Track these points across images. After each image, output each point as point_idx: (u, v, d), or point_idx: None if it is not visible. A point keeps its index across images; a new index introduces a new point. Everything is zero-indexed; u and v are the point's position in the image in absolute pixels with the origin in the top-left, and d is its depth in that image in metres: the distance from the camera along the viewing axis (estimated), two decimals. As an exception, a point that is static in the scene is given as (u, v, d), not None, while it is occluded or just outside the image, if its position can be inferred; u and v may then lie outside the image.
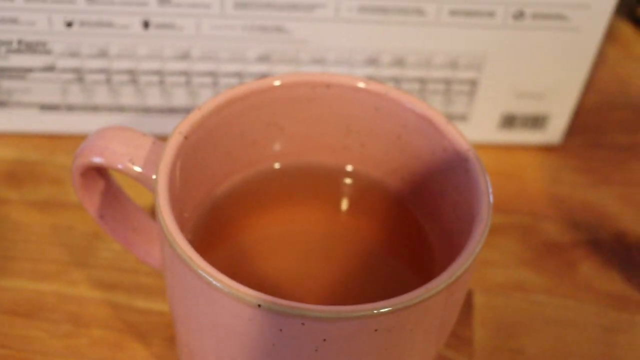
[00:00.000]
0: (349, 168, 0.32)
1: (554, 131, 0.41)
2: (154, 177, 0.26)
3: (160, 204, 0.25)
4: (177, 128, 0.27)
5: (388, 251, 0.30)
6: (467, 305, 0.34)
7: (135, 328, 0.33)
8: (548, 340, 0.34)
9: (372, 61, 0.37)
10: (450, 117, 0.40)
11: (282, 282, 0.29)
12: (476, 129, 0.40)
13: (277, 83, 0.29)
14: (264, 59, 0.37)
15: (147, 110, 0.38)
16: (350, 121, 0.30)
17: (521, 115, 0.40)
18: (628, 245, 0.38)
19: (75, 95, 0.38)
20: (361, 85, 0.29)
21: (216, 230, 0.30)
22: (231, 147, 0.30)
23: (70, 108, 0.38)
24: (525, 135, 0.41)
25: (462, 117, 0.40)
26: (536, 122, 0.40)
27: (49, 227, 0.36)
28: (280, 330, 0.23)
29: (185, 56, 0.36)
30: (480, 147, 0.41)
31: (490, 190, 0.26)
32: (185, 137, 0.27)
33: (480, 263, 0.36)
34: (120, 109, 0.38)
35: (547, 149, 0.42)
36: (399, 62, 0.37)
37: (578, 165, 0.41)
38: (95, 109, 0.38)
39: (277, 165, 0.31)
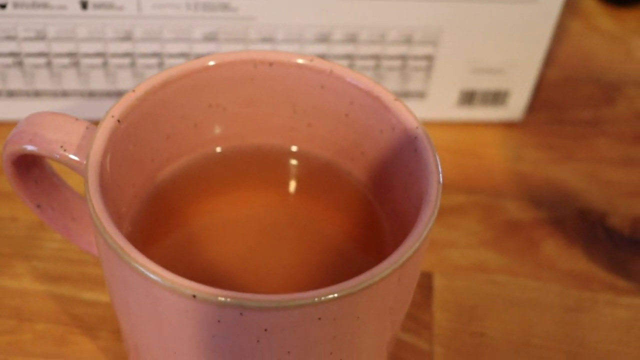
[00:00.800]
0: (296, 149, 0.30)
1: (515, 107, 0.40)
2: (85, 163, 0.25)
3: (90, 192, 0.23)
4: (110, 111, 0.26)
5: (339, 234, 0.29)
6: (427, 288, 0.33)
7: (82, 321, 0.31)
8: (510, 322, 0.33)
9: (324, 38, 0.36)
10: (408, 95, 0.38)
11: (229, 270, 0.28)
12: (435, 106, 0.39)
13: (215, 62, 0.27)
14: (210, 38, 0.35)
15: (91, 95, 0.37)
16: (295, 100, 0.29)
17: (480, 92, 0.39)
18: (592, 223, 0.37)
19: (15, 81, 0.36)
20: (305, 62, 0.28)
21: (159, 219, 0.28)
22: (171, 131, 0.28)
23: (11, 94, 0.37)
24: (486, 112, 0.40)
25: (420, 95, 0.38)
26: (496, 98, 0.39)
27: (-10, 219, 0.35)
28: (219, 321, 0.22)
29: (127, 37, 0.35)
30: (439, 124, 0.40)
31: (440, 169, 0.25)
32: (119, 121, 0.26)
33: (440, 244, 0.35)
34: (64, 93, 0.37)
35: (508, 126, 0.41)
36: (352, 39, 0.36)
37: (540, 141, 0.40)
38: (37, 94, 0.37)
39: (220, 149, 0.30)
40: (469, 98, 0.39)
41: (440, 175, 0.25)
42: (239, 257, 0.28)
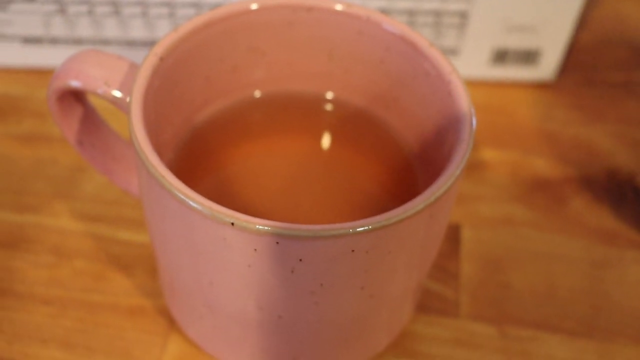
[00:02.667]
0: (332, 95, 0.31)
1: (547, 67, 0.40)
2: (128, 99, 0.26)
3: (134, 125, 0.24)
4: (153, 49, 0.26)
5: (372, 180, 0.30)
6: (455, 239, 0.34)
7: (118, 259, 0.33)
8: (535, 275, 0.33)
9: (360, -8, 0.36)
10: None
11: (263, 209, 0.28)
12: (467, 63, 0.39)
13: (256, 6, 0.28)
14: (249, -11, 0.36)
15: (131, 43, 0.38)
16: (332, 46, 0.29)
17: (513, 50, 0.39)
18: (620, 182, 0.37)
19: (58, 28, 0.37)
20: (342, 8, 0.28)
21: (196, 158, 0.29)
22: (210, 72, 0.29)
23: (54, 41, 0.38)
24: (518, 71, 0.40)
25: (453, 51, 0.39)
26: (528, 57, 0.39)
27: (32, 160, 0.36)
28: (255, 249, 0.23)
29: (168, -14, 0.36)
30: (471, 82, 0.40)
31: (474, 112, 0.26)
32: (161, 59, 0.26)
33: (470, 198, 0.36)
34: (104, 41, 0.38)
35: (539, 86, 0.41)
36: (388, -7, 0.36)
37: (571, 102, 0.40)
38: (78, 42, 0.38)
39: (258, 93, 0.31)
40: (501, 56, 0.39)
41: (474, 118, 0.25)
42: (273, 199, 0.29)
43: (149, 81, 0.26)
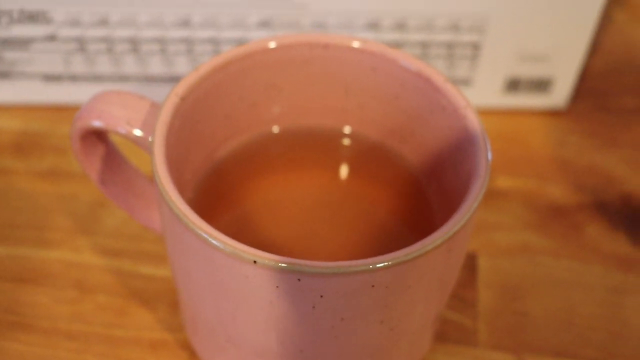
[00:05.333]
0: (349, 130, 0.31)
1: (559, 95, 0.40)
2: (150, 139, 0.26)
3: (157, 164, 0.25)
4: (174, 90, 0.27)
5: (389, 212, 0.30)
6: (472, 268, 0.34)
7: (140, 294, 0.33)
8: (553, 302, 0.33)
9: (373, 25, 0.37)
10: (454, 82, 0.39)
11: (283, 244, 0.29)
12: (480, 93, 0.40)
13: (274, 44, 0.29)
14: (264, 24, 0.36)
15: (149, 79, 0.38)
16: (348, 82, 0.30)
17: (525, 79, 0.39)
18: (634, 208, 0.37)
19: (78, 65, 0.38)
20: (357, 45, 0.29)
21: (217, 194, 0.30)
22: (230, 110, 0.30)
23: (74, 78, 0.39)
24: (531, 99, 0.40)
25: (466, 82, 0.39)
26: (541, 85, 0.40)
27: (53, 196, 0.36)
28: (277, 287, 0.23)
29: (186, 23, 0.36)
30: (484, 111, 0.41)
31: (489, 146, 0.26)
32: (182, 99, 0.27)
33: (486, 227, 0.36)
34: (123, 78, 0.38)
35: (552, 113, 0.41)
36: (400, 26, 0.37)
37: (584, 128, 0.41)
38: (98, 78, 0.38)
39: (276, 128, 0.31)
40: (514, 85, 0.40)
41: (489, 152, 0.26)
42: (292, 233, 0.29)
43: (170, 121, 0.26)
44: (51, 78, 0.39)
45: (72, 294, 0.33)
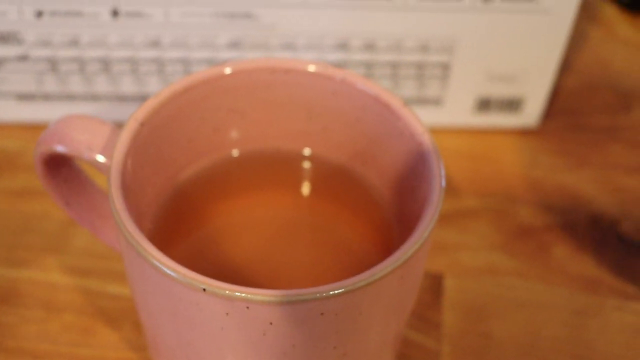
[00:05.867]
0: (311, 152, 0.32)
1: (530, 114, 0.41)
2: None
3: (112, 191, 0.25)
4: (133, 115, 0.27)
5: (351, 236, 0.30)
6: (437, 289, 0.35)
7: (107, 313, 0.33)
8: (517, 324, 0.34)
9: (343, 46, 0.37)
10: (424, 101, 0.39)
11: (244, 268, 0.29)
12: (451, 112, 0.40)
13: (234, 69, 0.29)
14: (234, 45, 0.37)
15: (122, 98, 0.39)
16: (310, 105, 0.30)
17: (496, 99, 0.40)
18: (602, 229, 0.37)
19: (51, 85, 0.38)
20: (318, 70, 0.29)
21: (178, 218, 0.30)
22: (192, 134, 0.30)
23: (47, 97, 0.39)
24: (502, 119, 0.41)
25: (436, 101, 0.40)
26: (512, 105, 0.40)
27: (24, 215, 0.37)
28: (227, 314, 0.23)
29: (156, 43, 0.37)
30: (455, 131, 0.41)
31: (443, 173, 0.26)
32: (142, 124, 0.27)
33: (452, 247, 0.36)
34: (95, 97, 0.39)
35: (524, 133, 0.42)
36: (370, 47, 0.37)
37: (555, 148, 0.41)
38: (70, 97, 0.39)
39: (239, 152, 0.31)
40: (484, 105, 0.40)
41: (443, 179, 0.26)
42: (254, 255, 0.30)
43: (128, 147, 0.27)
44: (24, 97, 0.39)
45: (39, 313, 0.33)
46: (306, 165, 0.32)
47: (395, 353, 0.31)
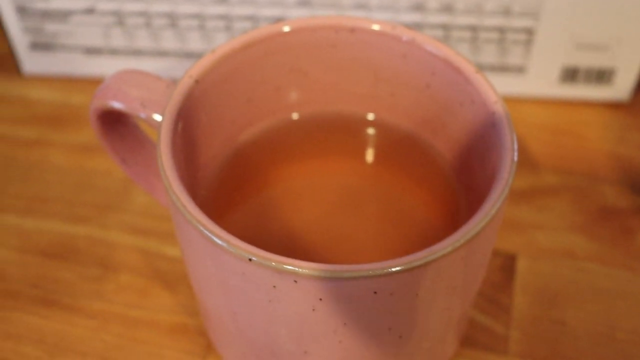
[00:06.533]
0: (377, 118, 0.30)
1: (621, 87, 0.37)
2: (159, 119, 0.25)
3: (161, 151, 0.24)
4: (188, 71, 0.26)
5: (416, 206, 0.29)
6: (509, 270, 0.32)
7: (163, 276, 0.32)
8: (594, 312, 0.31)
9: (419, 7, 0.35)
10: (506, 69, 0.37)
11: (303, 236, 0.28)
12: (534, 82, 0.37)
13: (295, 27, 0.27)
14: (304, 3, 0.35)
15: (188, 55, 0.38)
16: (377, 68, 0.28)
17: (584, 69, 0.37)
18: (696, 213, 0.34)
19: (117, 39, 0.37)
20: (386, 29, 0.27)
21: (235, 183, 0.29)
22: (252, 93, 0.28)
23: (113, 52, 0.38)
24: (589, 91, 0.38)
25: (519, 69, 0.37)
26: (601, 76, 0.37)
27: (86, 171, 0.36)
28: (274, 286, 0.22)
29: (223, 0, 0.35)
30: (538, 102, 0.38)
31: (516, 147, 0.24)
32: (197, 81, 0.26)
33: (528, 226, 0.34)
34: (162, 53, 0.38)
35: (612, 106, 0.39)
36: (448, 8, 0.35)
37: (647, 124, 0.38)
38: (137, 53, 0.38)
39: (300, 114, 0.30)
40: (571, 75, 0.37)
41: (516, 152, 0.24)
42: (311, 224, 0.28)
43: (181, 104, 0.25)
44: (91, 51, 0.38)
45: (96, 271, 0.33)
46: (370, 131, 0.30)
47: (459, 336, 0.29)
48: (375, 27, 0.27)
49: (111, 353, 0.30)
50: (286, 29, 0.27)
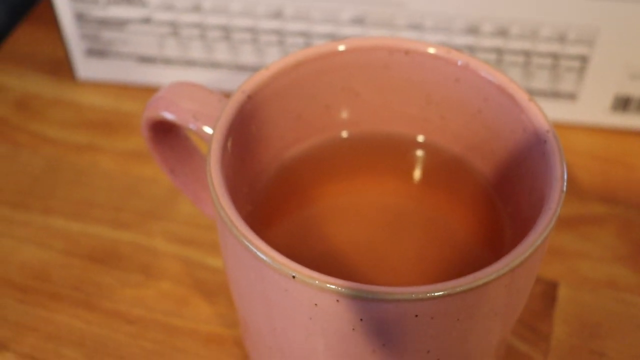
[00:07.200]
0: (426, 140, 0.30)
1: (674, 118, 0.37)
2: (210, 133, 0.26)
3: (211, 164, 0.24)
4: (241, 86, 0.26)
5: (461, 230, 0.28)
6: (550, 298, 0.32)
7: (204, 286, 0.33)
8: (634, 345, 0.31)
9: (473, 30, 0.35)
10: (558, 95, 0.37)
11: (346, 256, 0.28)
12: (586, 109, 0.37)
13: (349, 46, 0.27)
14: (358, 21, 0.35)
15: (241, 68, 0.38)
16: (430, 91, 0.28)
17: (637, 98, 0.36)
18: None
19: (172, 49, 0.38)
20: (441, 53, 0.27)
21: (281, 198, 0.29)
22: (302, 110, 0.29)
23: (167, 61, 0.39)
24: (641, 121, 0.37)
25: (571, 96, 0.37)
26: (654, 107, 0.37)
27: (134, 178, 0.37)
28: (316, 304, 0.22)
29: (277, 14, 0.35)
30: (589, 129, 0.38)
31: (566, 177, 0.24)
32: (249, 97, 0.26)
33: (572, 254, 0.34)
34: (215, 65, 0.38)
35: (664, 138, 0.38)
36: (502, 33, 0.35)
37: (699, 157, 0.37)
38: (190, 63, 0.38)
39: (349, 133, 0.30)
40: (623, 104, 0.37)
41: (565, 183, 0.24)
42: (355, 244, 0.28)
43: (233, 119, 0.26)
44: (146, 59, 0.39)
45: (137, 277, 0.33)
46: (419, 153, 0.30)
47: (498, 361, 0.29)
48: (430, 50, 0.27)
49: (148, 359, 0.30)
50: (341, 48, 0.27)
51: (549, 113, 0.37)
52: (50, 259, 0.34)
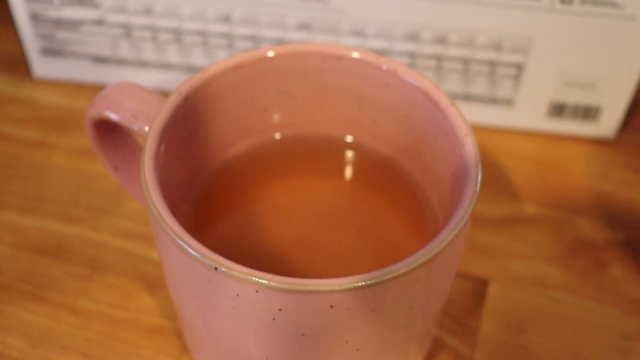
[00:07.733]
0: (359, 141, 0.31)
1: (607, 125, 0.39)
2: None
3: (145, 160, 0.25)
4: (178, 88, 0.27)
5: (389, 227, 0.30)
6: (480, 294, 0.34)
7: (147, 279, 0.34)
8: (559, 341, 0.32)
9: (413, 37, 0.36)
10: (495, 101, 0.38)
11: (280, 251, 0.29)
12: (522, 115, 0.39)
13: (286, 52, 0.29)
14: (303, 26, 0.37)
15: (191, 69, 0.39)
16: (361, 95, 0.30)
17: (571, 105, 0.38)
18: (669, 252, 0.35)
19: (124, 50, 0.39)
20: (370, 59, 0.29)
21: (218, 197, 0.30)
22: (241, 112, 0.30)
23: (120, 62, 0.40)
24: (575, 127, 0.39)
25: (508, 102, 0.38)
26: (587, 113, 0.38)
27: (85, 174, 0.38)
28: (237, 295, 0.23)
29: (227, 19, 0.37)
30: (525, 134, 0.40)
31: (480, 179, 0.25)
32: (186, 98, 0.27)
33: (502, 252, 0.35)
34: (167, 66, 0.39)
35: (598, 143, 0.40)
36: (441, 40, 0.36)
37: (629, 162, 0.39)
38: (143, 64, 0.40)
39: (285, 134, 0.31)
40: (558, 110, 0.38)
41: (478, 184, 0.25)
42: (291, 239, 0.29)
43: (168, 119, 0.27)
44: (99, 59, 0.40)
45: (84, 270, 0.34)
46: (352, 154, 0.31)
47: (423, 353, 0.30)
48: (360, 56, 0.29)
49: (91, 350, 0.32)
50: (277, 52, 0.29)
51: (487, 118, 0.39)
52: (0, 252, 0.35)
